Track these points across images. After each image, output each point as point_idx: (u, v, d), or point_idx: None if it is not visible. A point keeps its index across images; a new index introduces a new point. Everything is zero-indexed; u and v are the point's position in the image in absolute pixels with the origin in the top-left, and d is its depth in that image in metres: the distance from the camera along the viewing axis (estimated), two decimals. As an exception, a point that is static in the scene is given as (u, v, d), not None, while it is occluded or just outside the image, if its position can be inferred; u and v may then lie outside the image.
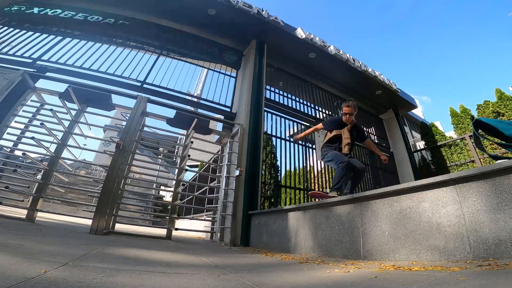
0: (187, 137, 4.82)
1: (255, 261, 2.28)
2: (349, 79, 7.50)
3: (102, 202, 3.41)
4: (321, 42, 6.43)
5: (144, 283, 1.10)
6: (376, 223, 2.08)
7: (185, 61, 5.93)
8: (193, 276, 1.38)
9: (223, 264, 1.90)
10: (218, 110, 5.63)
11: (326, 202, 2.68)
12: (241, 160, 4.59)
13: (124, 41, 5.62)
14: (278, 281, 1.35)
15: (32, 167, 4.05)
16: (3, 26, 5.17)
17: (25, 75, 4.12)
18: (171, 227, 4.05)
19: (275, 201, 5.22)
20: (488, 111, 6.29)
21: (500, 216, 1.37)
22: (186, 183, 9.83)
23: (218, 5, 5.49)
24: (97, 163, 13.89)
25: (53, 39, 5.15)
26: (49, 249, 1.64)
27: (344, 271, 1.55)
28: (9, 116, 3.92)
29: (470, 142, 6.07)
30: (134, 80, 5.05)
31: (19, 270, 1.02)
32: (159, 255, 2.10)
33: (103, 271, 1.21)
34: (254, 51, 5.80)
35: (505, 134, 2.05)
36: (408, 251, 1.78)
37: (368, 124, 8.27)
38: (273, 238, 3.43)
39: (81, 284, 0.98)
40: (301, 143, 5.80)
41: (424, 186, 1.80)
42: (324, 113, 7.13)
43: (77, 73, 4.71)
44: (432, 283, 1.04)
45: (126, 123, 4.18)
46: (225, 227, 4.25)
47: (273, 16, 5.81)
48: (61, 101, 4.16)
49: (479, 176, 1.51)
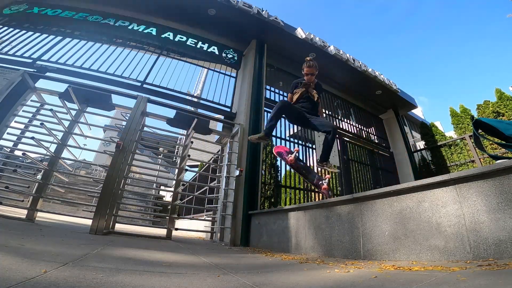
0: (187, 137, 4.82)
1: (255, 261, 2.28)
2: (349, 79, 7.50)
3: (102, 202, 3.41)
4: (321, 42, 6.43)
5: (144, 283, 1.10)
6: (376, 223, 2.08)
7: (185, 61, 5.93)
8: (193, 276, 1.38)
9: (223, 264, 1.90)
10: (218, 110, 5.63)
11: (326, 202, 2.68)
12: (241, 160, 4.59)
13: (124, 41, 5.62)
14: (278, 281, 1.35)
15: (32, 167, 4.05)
16: (3, 26, 5.17)
17: (25, 75, 4.12)
18: (171, 227, 4.04)
19: (275, 201, 5.22)
20: (488, 111, 6.28)
21: (500, 216, 1.37)
22: (186, 183, 9.83)
23: (218, 5, 5.49)
24: (97, 163, 13.89)
25: (53, 39, 5.15)
26: (49, 249, 1.64)
27: (344, 271, 1.55)
28: (9, 116, 3.92)
29: (470, 142, 6.06)
30: (134, 80, 5.05)
31: (19, 270, 1.02)
32: (159, 255, 2.10)
33: (103, 271, 1.21)
34: (254, 51, 5.80)
35: (505, 134, 2.05)
36: (408, 251, 1.78)
37: (368, 124, 8.27)
38: (273, 238, 3.43)
39: (81, 284, 0.98)
40: (301, 143, 5.79)
41: (424, 186, 1.80)
42: (324, 113, 7.12)
43: (77, 73, 4.71)
44: (432, 283, 1.04)
45: (126, 123, 4.18)
46: (225, 227, 4.25)
47: (273, 16, 5.81)
48: (61, 101, 4.16)
49: (479, 176, 1.51)
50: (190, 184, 9.87)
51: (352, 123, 7.70)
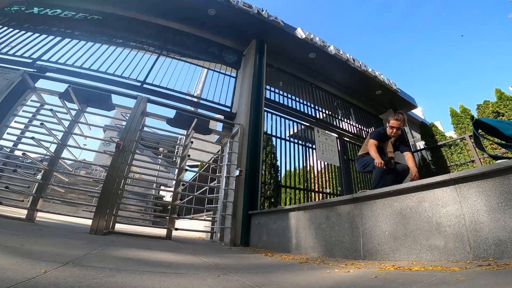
0: (187, 137, 4.82)
1: (255, 261, 2.28)
2: (349, 79, 7.50)
3: (102, 202, 3.41)
4: (321, 42, 6.43)
5: (144, 283, 1.10)
6: (376, 223, 2.08)
7: (185, 61, 5.93)
8: (193, 276, 1.38)
9: (223, 264, 1.90)
10: (218, 110, 5.63)
11: (326, 202, 2.68)
12: (241, 160, 4.59)
13: (124, 41, 5.62)
14: (278, 281, 1.35)
15: (32, 167, 4.05)
16: (3, 26, 5.17)
17: (25, 75, 4.11)
18: (171, 227, 4.04)
19: (275, 201, 5.22)
20: (488, 111, 6.28)
21: (500, 216, 1.37)
22: (186, 183, 9.83)
23: (218, 5, 5.49)
24: (97, 163, 13.89)
25: (53, 39, 5.15)
26: (49, 249, 1.64)
27: (344, 271, 1.55)
28: (9, 116, 3.92)
29: (470, 142, 6.06)
30: (134, 80, 5.05)
31: (19, 270, 1.01)
32: (159, 255, 2.10)
33: (103, 271, 1.21)
34: (254, 51, 5.80)
35: (505, 134, 2.05)
36: (408, 251, 1.78)
37: (368, 124, 8.27)
38: (273, 238, 3.43)
39: (81, 284, 0.98)
40: (301, 143, 5.79)
41: (424, 186, 1.80)
42: (324, 113, 7.14)
43: (77, 73, 4.71)
44: (432, 283, 1.04)
45: (126, 123, 4.17)
46: (225, 227, 4.25)
47: (273, 16, 5.81)
48: (61, 101, 4.16)
49: (479, 176, 1.51)
50: (190, 184, 9.88)
51: (352, 123, 7.70)
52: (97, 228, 3.22)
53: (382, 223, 2.03)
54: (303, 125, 6.21)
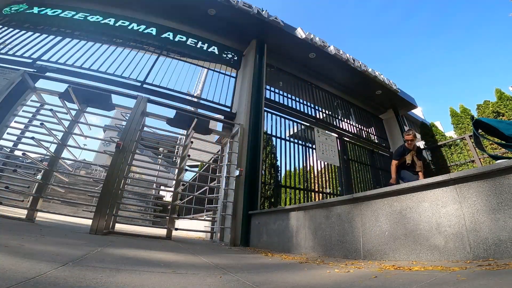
0: (187, 137, 4.82)
1: (255, 261, 2.28)
2: (349, 79, 7.50)
3: (102, 202, 3.41)
4: (321, 42, 6.43)
5: (144, 283, 1.10)
6: (376, 223, 2.08)
7: (185, 61, 5.93)
8: (193, 276, 1.38)
9: (223, 264, 1.90)
10: (218, 110, 5.63)
11: (326, 202, 2.68)
12: (241, 160, 4.59)
13: (124, 41, 5.62)
14: (278, 281, 1.35)
15: (32, 167, 4.05)
16: (3, 26, 5.17)
17: (25, 75, 4.12)
18: (171, 227, 4.04)
19: (275, 201, 5.22)
20: (488, 111, 6.28)
21: (500, 216, 1.37)
22: (186, 183, 9.83)
23: (218, 5, 5.49)
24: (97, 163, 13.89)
25: (53, 39, 5.15)
26: (49, 249, 1.64)
27: (344, 271, 1.55)
28: (9, 116, 3.92)
29: (470, 142, 6.06)
30: (134, 80, 5.05)
31: (19, 270, 1.01)
32: (159, 255, 2.10)
33: (103, 271, 1.21)
34: (254, 51, 5.80)
35: (505, 134, 2.05)
36: (408, 251, 1.78)
37: (368, 124, 8.27)
38: (273, 238, 3.43)
39: (81, 284, 0.98)
40: (301, 143, 5.79)
41: (424, 186, 1.80)
42: (324, 113, 7.13)
43: (77, 73, 4.71)
44: (432, 283, 1.04)
45: (126, 123, 4.18)
46: (225, 227, 4.25)
47: (273, 16, 5.81)
48: (61, 101, 4.16)
49: (479, 176, 1.52)
50: (190, 184, 9.87)
51: (352, 123, 7.70)
52: (97, 228, 3.22)
53: (382, 223, 2.03)
54: (303, 125, 6.21)
